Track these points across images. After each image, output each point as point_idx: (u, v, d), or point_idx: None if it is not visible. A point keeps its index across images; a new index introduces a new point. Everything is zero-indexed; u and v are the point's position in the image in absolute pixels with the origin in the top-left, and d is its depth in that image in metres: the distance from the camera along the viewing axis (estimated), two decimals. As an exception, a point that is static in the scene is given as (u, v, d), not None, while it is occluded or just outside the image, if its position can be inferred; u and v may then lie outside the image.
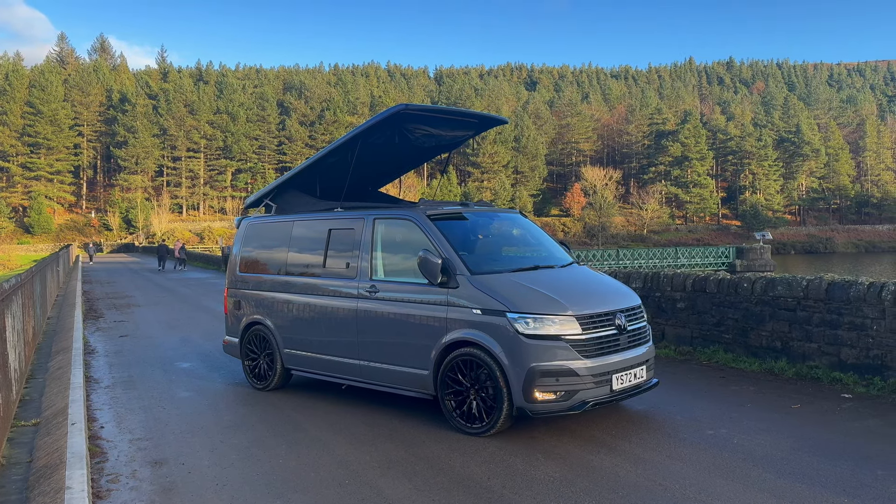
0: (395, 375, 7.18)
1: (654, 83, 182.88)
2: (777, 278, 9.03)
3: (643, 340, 6.98)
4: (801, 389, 7.99)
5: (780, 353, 8.89)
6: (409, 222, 7.27)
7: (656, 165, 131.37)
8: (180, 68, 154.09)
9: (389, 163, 9.16)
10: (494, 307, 6.38)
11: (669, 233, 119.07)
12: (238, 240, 9.31)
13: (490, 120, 8.61)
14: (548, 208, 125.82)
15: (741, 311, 9.39)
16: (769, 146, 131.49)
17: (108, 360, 11.25)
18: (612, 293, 7.04)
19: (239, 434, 6.87)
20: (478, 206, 8.11)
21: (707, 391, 8.12)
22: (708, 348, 9.79)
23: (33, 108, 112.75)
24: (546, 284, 6.72)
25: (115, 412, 7.85)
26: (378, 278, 7.43)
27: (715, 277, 9.86)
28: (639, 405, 7.45)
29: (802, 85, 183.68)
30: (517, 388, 6.21)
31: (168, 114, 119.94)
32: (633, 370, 6.68)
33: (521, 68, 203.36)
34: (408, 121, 7.74)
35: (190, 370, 10.26)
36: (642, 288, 10.90)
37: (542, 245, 8.01)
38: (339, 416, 7.37)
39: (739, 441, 6.19)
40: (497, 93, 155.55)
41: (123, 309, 19.68)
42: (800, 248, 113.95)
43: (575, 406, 6.26)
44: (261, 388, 8.67)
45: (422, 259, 6.69)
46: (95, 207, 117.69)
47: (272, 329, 8.49)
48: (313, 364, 8.07)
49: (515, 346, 6.23)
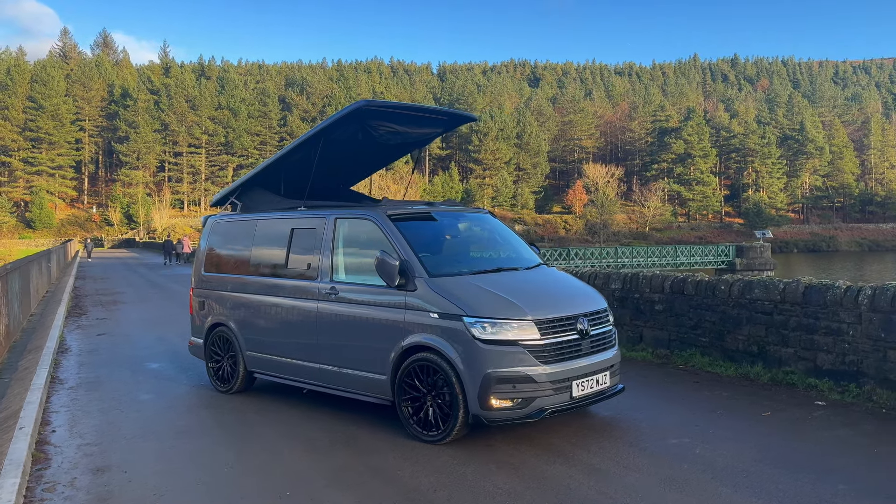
0: (354, 380, 6.99)
1: (658, 80, 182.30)
2: (754, 281, 8.80)
3: (607, 345, 6.76)
4: (774, 396, 7.77)
5: (757, 357, 8.66)
6: (368, 222, 7.06)
7: (659, 163, 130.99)
8: (182, 63, 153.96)
9: (357, 160, 8.94)
10: (451, 311, 6.18)
11: (672, 230, 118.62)
12: (203, 238, 9.12)
13: (458, 117, 8.39)
14: (549, 205, 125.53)
15: (718, 314, 9.16)
16: (773, 144, 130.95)
17: (79, 360, 11.08)
18: (576, 296, 6.83)
19: (191, 439, 6.69)
20: (444, 205, 7.89)
21: (679, 397, 7.91)
22: (685, 352, 9.56)
23: (35, 103, 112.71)
24: (507, 287, 6.51)
25: (71, 415, 7.67)
26: (338, 279, 7.22)
27: (693, 279, 9.63)
28: (605, 411, 7.25)
29: (807, 82, 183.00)
30: (473, 394, 6.01)
31: (169, 109, 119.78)
32: (595, 376, 6.46)
33: (524, 65, 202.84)
34: (370, 117, 7.52)
35: (158, 371, 10.08)
36: (621, 289, 10.68)
37: (509, 246, 7.80)
38: (298, 421, 7.19)
39: (702, 451, 5.98)
40: (500, 89, 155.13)
41: (109, 306, 19.51)
42: (802, 247, 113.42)
43: (532, 414, 6.06)
44: (224, 390, 8.48)
45: (379, 260, 6.49)
46: (97, 203, 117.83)
47: (235, 331, 8.30)
48: (274, 367, 7.88)
49: (471, 352, 6.03)
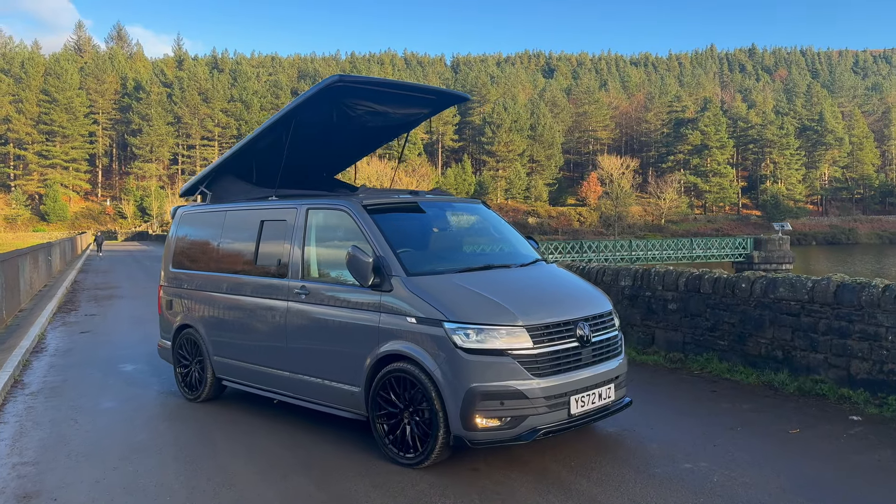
0: (325, 391, 6.19)
1: (675, 70, 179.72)
2: (779, 278, 7.90)
3: (612, 353, 5.90)
4: (802, 409, 6.89)
5: (782, 363, 7.77)
6: (342, 212, 6.25)
7: (675, 154, 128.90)
8: (196, 56, 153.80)
9: (337, 145, 8.11)
10: (430, 315, 5.36)
11: (688, 223, 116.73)
12: (172, 231, 8.36)
13: (448, 96, 7.53)
14: (563, 198, 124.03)
15: (738, 315, 8.27)
16: (791, 134, 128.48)
17: (52, 361, 10.39)
18: (577, 298, 5.97)
19: (140, 458, 5.93)
20: (431, 195, 7.05)
21: (694, 409, 7.05)
22: (701, 356, 8.68)
23: (48, 96, 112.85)
24: (496, 288, 5.67)
25: (20, 426, 6.95)
26: (310, 277, 6.43)
27: (710, 275, 8.74)
28: (610, 427, 6.41)
29: (826, 72, 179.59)
30: (454, 412, 5.19)
31: (182, 102, 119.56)
32: (597, 390, 5.62)
33: (538, 55, 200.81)
34: (346, 95, 6.69)
35: (130, 374, 9.35)
36: (632, 286, 9.81)
37: (502, 240, 6.95)
38: (263, 437, 6.41)
39: (721, 479, 5.14)
40: (513, 80, 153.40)
41: (103, 301, 18.90)
42: (821, 239, 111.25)
43: (523, 435, 5.22)
44: (192, 398, 7.73)
45: (350, 256, 5.67)
46: (111, 195, 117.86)
47: (202, 333, 7.53)
48: (242, 374, 7.11)
49: (452, 363, 5.20)
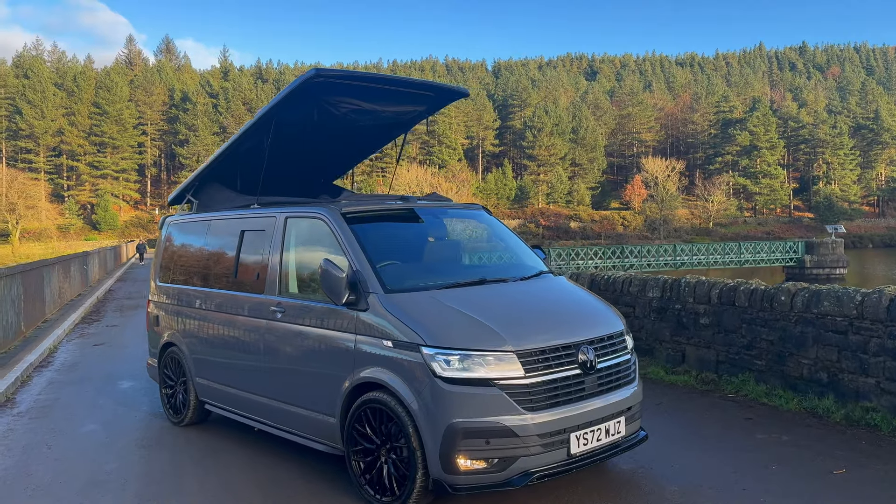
0: (301, 420, 5.57)
1: (722, 70, 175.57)
2: (823, 290, 6.99)
3: (623, 381, 5.12)
4: (850, 442, 5.99)
5: (826, 387, 6.87)
6: (319, 221, 5.63)
7: (723, 155, 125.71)
8: (241, 67, 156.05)
9: (330, 148, 7.50)
10: (407, 338, 4.67)
11: (737, 226, 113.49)
12: (160, 242, 7.87)
13: (447, 92, 6.85)
14: (607, 201, 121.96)
15: (778, 332, 7.38)
16: (845, 134, 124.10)
17: (52, 377, 10.06)
18: (581, 316, 5.21)
19: (99, 494, 5.40)
20: (424, 200, 6.36)
21: (724, 441, 6.20)
22: (736, 377, 7.80)
23: (99, 109, 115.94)
24: (485, 306, 4.94)
25: (-10, 453, 6.51)
26: (288, 293, 5.82)
27: (746, 287, 7.85)
28: (625, 463, 5.63)
29: (882, 69, 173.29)
30: (433, 451, 4.50)
31: (227, 112, 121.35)
32: (604, 424, 4.85)
33: (581, 58, 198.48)
34: (326, 92, 6.07)
35: (124, 392, 8.91)
36: (660, 298, 8.98)
37: (504, 250, 6.24)
38: (239, 472, 5.81)
39: (747, 534, 4.34)
40: (554, 84, 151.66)
41: (127, 311, 18.74)
42: (878, 242, 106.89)
43: (514, 479, 4.49)
44: (176, 422, 7.21)
45: (322, 271, 5.04)
46: (160, 205, 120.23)
47: (185, 352, 7.00)
48: (223, 398, 6.55)
49: (431, 394, 4.51)
